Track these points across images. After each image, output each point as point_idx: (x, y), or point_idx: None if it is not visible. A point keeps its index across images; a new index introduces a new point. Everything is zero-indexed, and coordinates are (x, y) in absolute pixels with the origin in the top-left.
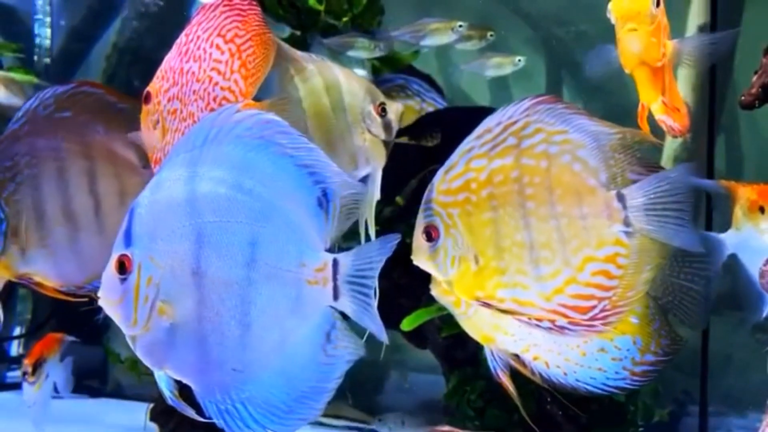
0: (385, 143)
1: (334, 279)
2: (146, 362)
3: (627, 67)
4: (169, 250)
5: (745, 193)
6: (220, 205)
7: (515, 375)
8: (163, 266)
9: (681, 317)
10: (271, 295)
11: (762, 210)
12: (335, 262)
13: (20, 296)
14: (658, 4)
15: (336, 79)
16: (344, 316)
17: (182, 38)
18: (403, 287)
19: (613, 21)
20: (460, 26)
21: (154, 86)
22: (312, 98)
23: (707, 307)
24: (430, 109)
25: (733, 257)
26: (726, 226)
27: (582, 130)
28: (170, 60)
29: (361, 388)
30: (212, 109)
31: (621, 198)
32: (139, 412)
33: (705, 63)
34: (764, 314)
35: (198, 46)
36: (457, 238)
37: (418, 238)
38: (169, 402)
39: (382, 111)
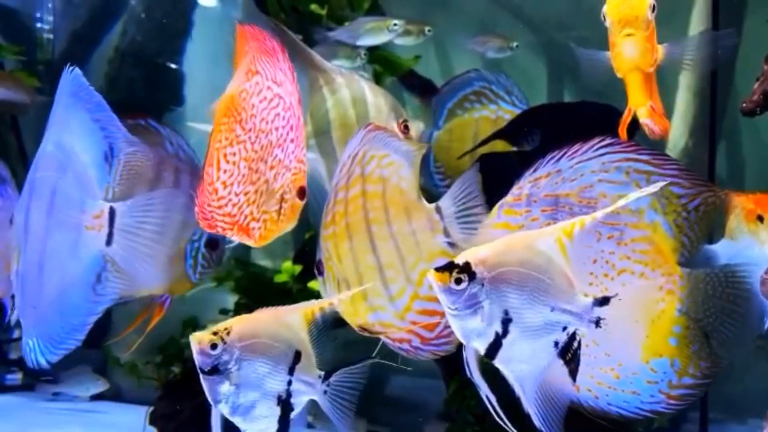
0: None
1: (110, 226)
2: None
3: (620, 72)
4: (19, 205)
5: (741, 202)
6: (45, 161)
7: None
8: (17, 220)
9: (720, 340)
10: (60, 239)
11: (761, 219)
12: (112, 211)
13: None
14: (653, 10)
15: (362, 93)
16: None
17: None
18: None
19: (607, 24)
20: (395, 25)
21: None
22: (338, 110)
23: (749, 332)
24: (507, 116)
25: None
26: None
27: (398, 151)
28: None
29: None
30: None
31: (439, 210)
32: (138, 416)
33: (700, 65)
34: (767, 324)
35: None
36: (334, 269)
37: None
38: None
39: (405, 128)
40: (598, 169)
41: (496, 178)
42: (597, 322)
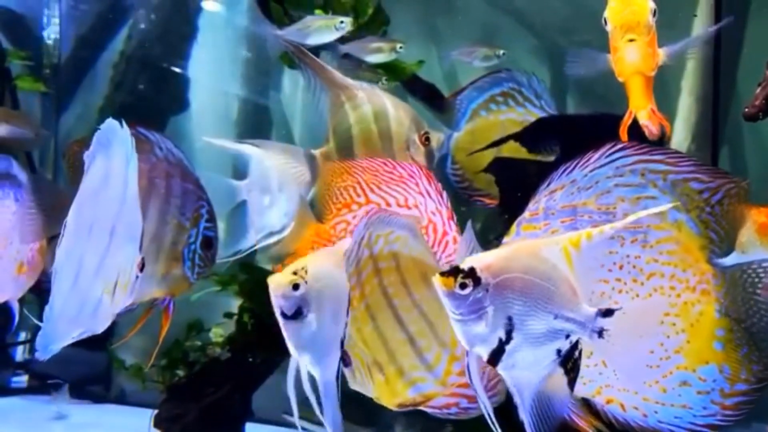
0: None
1: None
2: None
3: (622, 76)
4: None
5: (753, 216)
6: None
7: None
8: None
9: None
10: None
11: None
12: None
13: (27, 301)
14: (654, 15)
15: (384, 107)
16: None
17: None
18: None
19: (609, 29)
20: (342, 23)
21: None
22: (361, 125)
23: None
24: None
25: None
26: None
27: (402, 226)
28: None
29: (363, 398)
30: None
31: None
32: (142, 419)
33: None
34: None
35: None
36: (361, 355)
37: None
38: None
39: (426, 140)
40: (612, 174)
41: (511, 182)
42: (600, 333)
